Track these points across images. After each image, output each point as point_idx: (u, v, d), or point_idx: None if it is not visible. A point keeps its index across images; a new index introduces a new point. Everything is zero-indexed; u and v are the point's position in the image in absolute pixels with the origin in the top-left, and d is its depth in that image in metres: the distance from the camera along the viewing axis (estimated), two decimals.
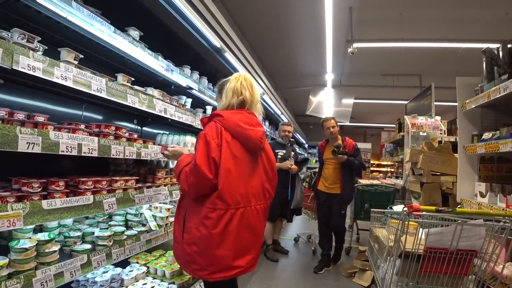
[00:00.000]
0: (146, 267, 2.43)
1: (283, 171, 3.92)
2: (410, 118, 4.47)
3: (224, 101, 1.69)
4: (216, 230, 1.49)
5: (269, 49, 6.45)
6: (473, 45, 4.85)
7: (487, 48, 2.33)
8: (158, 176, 2.29)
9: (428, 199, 3.20)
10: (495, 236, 1.74)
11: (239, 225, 1.54)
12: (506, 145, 2.04)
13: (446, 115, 4.74)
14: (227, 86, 1.70)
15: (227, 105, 1.68)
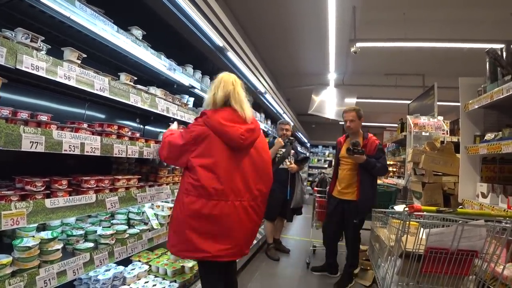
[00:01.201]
0: (148, 266, 2.45)
1: (283, 170, 3.91)
2: (413, 118, 4.45)
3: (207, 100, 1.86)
4: (186, 213, 1.67)
5: (272, 49, 6.44)
6: (476, 45, 4.82)
7: (490, 48, 2.32)
8: (160, 175, 2.30)
9: (430, 199, 3.19)
10: (496, 237, 1.74)
11: (209, 214, 1.66)
12: (508, 146, 2.03)
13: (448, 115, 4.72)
14: (213, 86, 1.86)
15: (209, 101, 1.83)
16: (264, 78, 4.77)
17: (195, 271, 2.52)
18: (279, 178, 3.90)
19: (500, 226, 1.72)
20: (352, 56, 5.23)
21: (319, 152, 14.74)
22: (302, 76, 8.14)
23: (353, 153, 2.86)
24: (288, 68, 7.73)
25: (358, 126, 3.12)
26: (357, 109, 3.15)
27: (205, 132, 1.71)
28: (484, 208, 2.23)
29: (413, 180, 3.49)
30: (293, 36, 5.82)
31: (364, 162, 2.91)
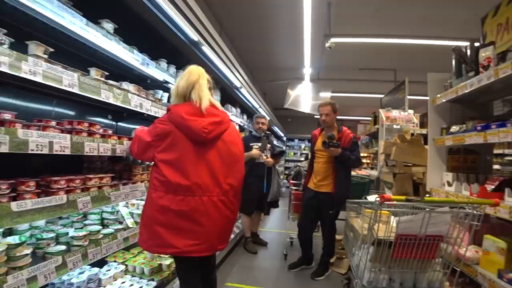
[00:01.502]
0: (125, 265, 2.40)
1: (260, 164, 3.94)
2: (385, 112, 4.60)
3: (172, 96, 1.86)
4: (155, 208, 1.67)
5: (247, 43, 6.41)
6: (444, 43, 5.05)
7: (456, 46, 2.45)
8: (134, 173, 2.25)
9: (400, 188, 3.34)
10: (460, 222, 1.86)
11: (176, 209, 1.66)
12: (471, 138, 2.16)
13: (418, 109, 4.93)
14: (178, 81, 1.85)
15: (177, 99, 1.83)
16: (239, 73, 4.74)
17: (172, 268, 2.50)
18: (255, 172, 3.94)
19: (463, 212, 1.84)
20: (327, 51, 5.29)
21: (295, 145, 14.94)
22: (278, 70, 8.18)
23: (329, 146, 2.90)
24: (264, 63, 7.74)
25: (333, 120, 3.17)
26: (332, 103, 3.20)
27: (169, 128, 1.70)
28: (449, 195, 2.37)
29: (385, 171, 3.63)
30: (269, 30, 5.82)
31: (339, 155, 2.96)
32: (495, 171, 2.84)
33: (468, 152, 2.76)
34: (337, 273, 3.44)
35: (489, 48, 2.08)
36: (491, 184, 2.07)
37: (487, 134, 1.99)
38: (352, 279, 2.40)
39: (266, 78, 8.77)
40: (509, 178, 2.13)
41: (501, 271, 1.79)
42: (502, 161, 3.04)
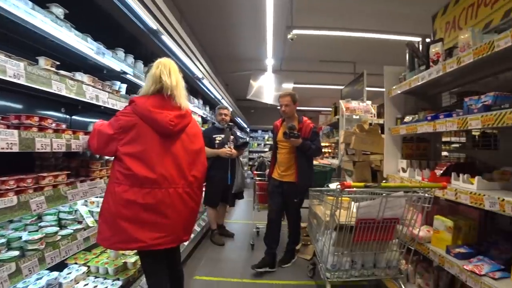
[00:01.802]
0: (87, 267, 2.29)
1: (222, 156, 3.91)
2: (345, 102, 4.77)
3: (144, 88, 1.81)
4: (119, 203, 1.63)
5: (209, 33, 6.28)
6: (399, 38, 5.34)
7: (409, 41, 2.59)
8: (92, 169, 2.12)
9: (360, 176, 3.51)
10: (413, 205, 2.00)
11: (143, 203, 1.64)
12: (422, 127, 2.33)
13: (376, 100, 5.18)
14: (148, 73, 1.82)
15: (146, 92, 1.79)
16: (201, 63, 4.64)
17: (138, 266, 2.43)
18: (219, 165, 3.91)
19: (416, 196, 1.99)
20: (289, 43, 5.36)
21: (259, 136, 15.07)
22: (240, 61, 8.13)
23: (289, 137, 2.93)
24: (226, 53, 7.64)
25: (293, 110, 3.19)
26: (292, 94, 3.21)
27: (133, 120, 1.68)
28: (404, 181, 2.54)
29: (345, 159, 3.79)
30: (231, 20, 5.74)
31: (300, 145, 3.01)
32: (443, 158, 3.08)
33: (420, 140, 2.97)
34: (303, 259, 3.57)
35: (438, 44, 2.24)
36: (439, 169, 2.25)
37: (436, 124, 2.15)
38: (317, 263, 2.50)
39: (229, 69, 8.68)
40: (455, 163, 2.34)
41: (448, 247, 1.98)
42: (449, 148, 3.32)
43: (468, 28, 1.98)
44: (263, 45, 6.53)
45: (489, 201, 1.62)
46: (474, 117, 1.77)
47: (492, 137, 2.40)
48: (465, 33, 1.93)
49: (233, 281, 3.03)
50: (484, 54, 1.70)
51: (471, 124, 1.80)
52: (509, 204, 1.50)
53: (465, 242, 2.01)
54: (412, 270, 2.52)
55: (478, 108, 1.80)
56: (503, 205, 1.53)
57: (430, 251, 2.10)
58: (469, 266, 1.72)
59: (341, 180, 3.91)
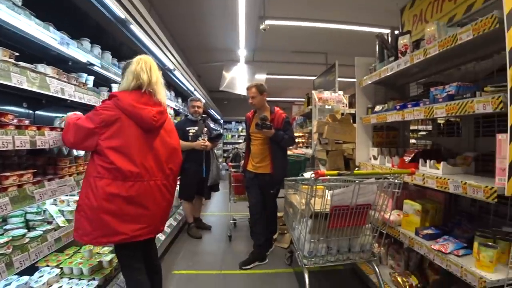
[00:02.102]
0: (60, 269, 2.19)
1: (196, 149, 3.86)
2: (317, 93, 4.85)
3: (124, 84, 1.82)
4: (102, 197, 1.63)
5: (179, 22, 6.08)
6: (370, 29, 5.48)
7: (379, 33, 2.67)
8: (60, 166, 2.01)
9: (333, 164, 3.61)
10: (384, 191, 2.10)
11: (126, 196, 1.68)
12: (391, 116, 2.43)
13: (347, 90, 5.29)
14: (128, 69, 1.81)
15: (126, 87, 1.80)
16: (172, 54, 4.50)
17: (115, 264, 2.36)
18: (193, 157, 3.85)
19: (386, 182, 2.08)
20: (262, 33, 5.33)
21: (233, 128, 15.00)
22: (213, 52, 7.98)
23: (262, 128, 2.92)
24: (198, 44, 7.45)
25: (261, 101, 3.18)
26: (257, 85, 3.18)
27: (116, 115, 1.68)
28: (375, 168, 2.65)
29: (319, 149, 3.88)
30: (202, 10, 5.59)
31: (273, 136, 3.00)
32: (411, 145, 3.24)
33: (390, 129, 3.10)
34: (281, 247, 3.65)
35: (406, 36, 2.32)
36: (408, 156, 2.37)
37: (404, 113, 2.25)
38: (294, 251, 2.56)
39: (201, 59, 8.50)
40: (422, 150, 2.47)
41: (417, 229, 2.10)
42: (417, 135, 3.49)
43: (434, 21, 2.07)
44: (236, 35, 6.45)
45: (453, 184, 1.74)
46: (439, 106, 1.87)
47: (455, 125, 2.55)
48: (431, 26, 2.02)
49: (213, 273, 3.04)
50: (448, 46, 1.79)
51: (437, 112, 1.90)
52: (470, 187, 1.61)
53: (432, 224, 2.15)
54: (384, 252, 2.66)
55: (443, 97, 1.91)
56: (465, 188, 1.64)
57: (400, 234, 2.23)
58: (436, 246, 1.84)
59: (315, 169, 4.01)
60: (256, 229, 3.29)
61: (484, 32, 1.53)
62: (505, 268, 1.53)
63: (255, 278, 2.92)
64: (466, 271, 1.60)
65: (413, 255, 2.46)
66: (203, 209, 4.93)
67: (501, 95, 1.45)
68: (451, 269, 1.70)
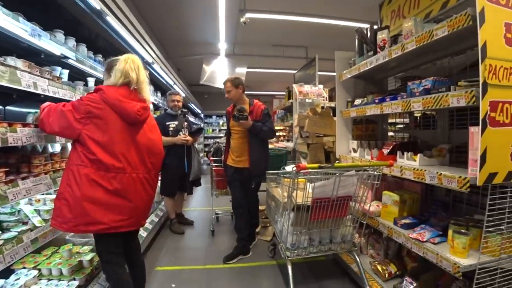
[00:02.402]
0: (37, 270, 2.10)
1: (178, 144, 3.79)
2: (298, 86, 4.87)
3: (112, 80, 1.83)
4: (85, 185, 1.65)
5: (158, 15, 5.90)
6: (349, 24, 5.55)
7: (358, 28, 2.71)
8: (35, 164, 1.92)
9: (314, 157, 3.66)
10: (364, 182, 2.15)
11: (108, 186, 1.70)
12: (370, 110, 2.48)
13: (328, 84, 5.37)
14: (116, 67, 1.82)
15: (113, 83, 1.82)
16: (151, 47, 4.38)
17: (95, 263, 2.29)
18: (174, 153, 3.80)
19: (366, 174, 2.14)
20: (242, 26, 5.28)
21: (214, 122, 14.87)
22: (192, 45, 7.82)
23: (238, 119, 2.89)
24: (177, 37, 7.28)
25: (237, 95, 3.14)
26: (232, 79, 3.16)
27: (102, 107, 1.70)
28: (355, 160, 2.71)
29: (300, 142, 3.92)
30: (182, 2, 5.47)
31: (251, 127, 2.97)
32: (390, 138, 3.33)
33: (369, 122, 3.17)
34: (263, 240, 3.68)
35: (384, 31, 2.37)
36: (386, 148, 2.44)
37: (383, 106, 2.31)
38: (277, 244, 2.60)
39: (180, 53, 8.32)
40: (400, 143, 2.55)
41: (396, 219, 2.18)
42: (395, 128, 3.59)
43: (411, 17, 2.12)
44: (216, 28, 6.35)
45: (429, 175, 1.81)
46: (416, 100, 1.93)
47: (431, 118, 2.65)
48: (408, 21, 2.07)
49: (196, 268, 3.02)
50: (424, 42, 1.85)
51: (414, 106, 1.96)
52: (445, 178, 1.68)
53: (410, 214, 2.24)
54: (365, 242, 2.75)
55: (419, 91, 1.97)
56: (441, 179, 1.71)
57: (380, 224, 2.30)
58: (413, 235, 1.92)
59: (296, 162, 4.05)
60: (239, 223, 3.30)
61: (458, 28, 1.58)
62: (477, 253, 1.61)
63: (239, 272, 2.94)
64: (442, 257, 1.68)
65: (392, 244, 2.55)
66: (185, 205, 4.89)
67: (474, 89, 1.52)
68: (428, 256, 1.78)
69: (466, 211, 2.15)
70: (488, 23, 1.49)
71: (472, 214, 2.01)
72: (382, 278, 2.32)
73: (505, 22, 1.55)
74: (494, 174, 1.54)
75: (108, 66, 1.90)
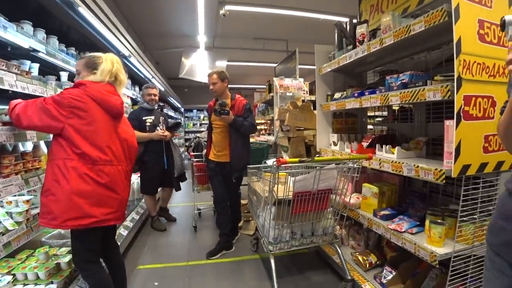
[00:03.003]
0: (12, 275, 2.00)
1: (155, 140, 3.68)
2: (278, 80, 4.86)
3: (98, 77, 1.82)
4: (74, 178, 1.64)
5: (135, 6, 5.70)
6: (329, 17, 5.57)
7: (338, 21, 2.71)
8: (4, 164, 1.81)
9: (295, 151, 3.68)
10: (344, 175, 2.19)
11: (97, 178, 1.70)
12: (350, 103, 2.51)
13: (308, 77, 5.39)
14: (104, 67, 1.83)
15: (101, 80, 1.82)
16: (127, 40, 4.22)
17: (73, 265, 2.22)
18: (152, 149, 3.69)
19: (346, 167, 2.17)
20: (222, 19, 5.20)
21: (194, 116, 14.66)
22: (171, 37, 7.64)
23: (220, 114, 2.87)
24: (155, 29, 7.08)
25: (222, 88, 3.13)
26: (219, 72, 3.14)
27: (85, 101, 1.69)
28: (335, 154, 2.75)
29: (281, 136, 3.93)
30: None
31: (232, 122, 2.96)
32: (369, 131, 3.40)
33: (349, 116, 3.21)
34: (246, 235, 3.68)
35: (363, 26, 2.39)
36: (366, 141, 2.48)
37: (362, 100, 2.34)
38: (260, 238, 2.60)
39: (158, 46, 8.12)
40: (378, 136, 2.60)
41: (375, 210, 2.23)
42: (374, 122, 3.66)
43: (390, 12, 2.15)
44: (195, 20, 6.23)
45: (407, 168, 1.85)
46: (394, 93, 1.97)
47: (409, 111, 2.71)
48: (386, 16, 2.09)
49: (179, 265, 2.99)
50: (402, 36, 1.87)
51: (392, 100, 2.00)
52: (422, 170, 1.73)
53: (389, 205, 2.29)
54: (346, 234, 2.81)
55: (397, 85, 2.00)
56: (418, 171, 1.76)
57: (360, 216, 2.35)
58: (392, 226, 1.97)
59: (278, 156, 4.06)
60: (221, 218, 3.27)
61: (435, 24, 1.61)
62: (452, 242, 1.68)
63: (223, 267, 2.93)
64: (419, 247, 1.74)
65: (372, 235, 2.62)
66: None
67: (449, 84, 1.56)
68: (406, 246, 1.84)
69: (442, 201, 2.23)
70: (462, 19, 1.52)
71: (447, 204, 2.09)
72: (363, 268, 2.38)
73: (478, 18, 1.59)
74: (468, 166, 1.59)
75: (91, 63, 1.86)
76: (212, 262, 3.03)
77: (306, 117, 3.69)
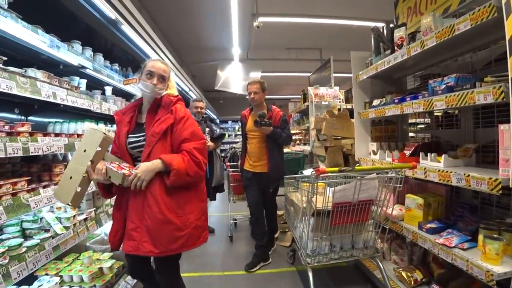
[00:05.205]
0: (59, 277, 2.14)
1: None
2: (313, 89, 4.83)
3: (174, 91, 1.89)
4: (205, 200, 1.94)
5: (172, 22, 6.02)
6: (363, 23, 5.46)
7: (374, 26, 2.64)
8: (55, 172, 1.97)
9: (332, 160, 3.59)
10: (385, 185, 2.07)
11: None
12: (390, 110, 2.40)
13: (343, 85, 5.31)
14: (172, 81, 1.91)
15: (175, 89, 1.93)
16: (165, 54, 4.46)
17: (115, 269, 2.32)
18: None
19: (388, 177, 2.06)
20: (255, 31, 5.29)
21: (229, 127, 15.00)
22: (206, 51, 7.93)
23: (261, 125, 2.88)
24: (191, 43, 7.40)
25: (262, 98, 3.14)
26: (261, 82, 3.15)
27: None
28: (375, 163, 2.63)
29: (317, 145, 3.86)
30: (195, 8, 5.55)
31: (271, 133, 2.95)
32: (410, 138, 3.22)
33: (388, 123, 3.08)
34: (282, 246, 3.62)
35: (401, 29, 2.30)
36: (408, 149, 2.35)
37: (403, 106, 2.23)
38: (297, 250, 2.54)
39: (194, 59, 8.46)
40: (422, 144, 2.45)
41: (420, 223, 2.08)
42: (415, 129, 3.48)
43: (430, 13, 2.05)
44: (229, 33, 6.41)
45: (456, 177, 1.72)
46: (439, 98, 1.85)
47: (454, 117, 2.53)
48: (427, 17, 1.99)
49: (215, 274, 3.00)
50: (445, 37, 1.77)
51: (436, 105, 1.88)
52: (474, 179, 1.59)
53: (435, 218, 2.13)
54: (387, 247, 2.65)
55: (442, 89, 1.88)
56: (469, 180, 1.62)
57: (403, 229, 2.21)
58: (440, 240, 1.82)
59: (314, 166, 3.99)
60: (257, 229, 3.25)
61: (482, 21, 1.50)
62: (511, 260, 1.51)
63: (259, 279, 2.89)
64: (472, 264, 1.58)
65: (416, 249, 2.45)
66: None
67: (502, 85, 1.43)
68: (457, 263, 1.69)
69: (496, 214, 2.03)
70: None
71: (503, 218, 1.90)
72: (408, 285, 2.22)
73: None
74: None
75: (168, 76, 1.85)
76: (248, 273, 3.00)
77: (344, 126, 3.60)
